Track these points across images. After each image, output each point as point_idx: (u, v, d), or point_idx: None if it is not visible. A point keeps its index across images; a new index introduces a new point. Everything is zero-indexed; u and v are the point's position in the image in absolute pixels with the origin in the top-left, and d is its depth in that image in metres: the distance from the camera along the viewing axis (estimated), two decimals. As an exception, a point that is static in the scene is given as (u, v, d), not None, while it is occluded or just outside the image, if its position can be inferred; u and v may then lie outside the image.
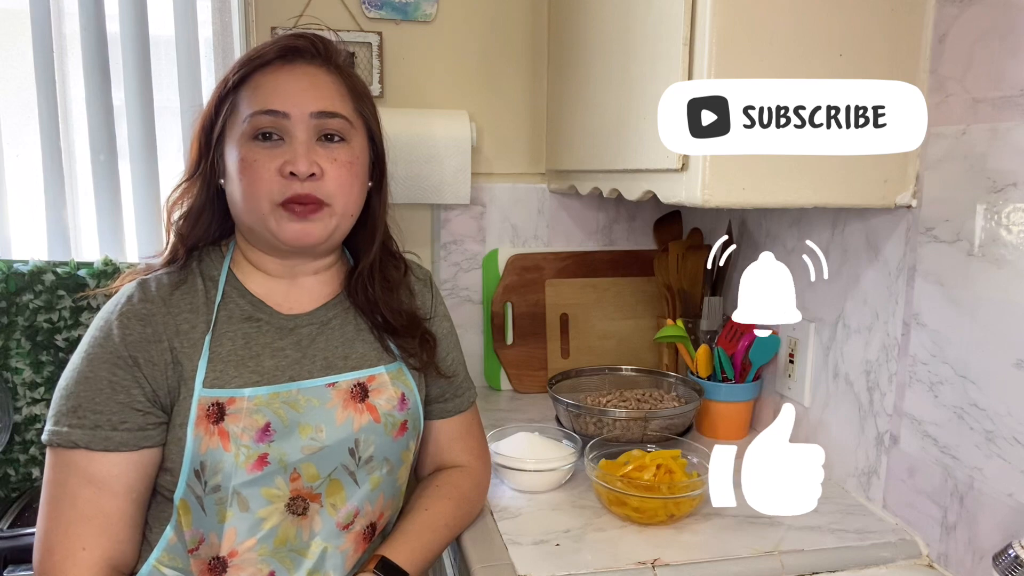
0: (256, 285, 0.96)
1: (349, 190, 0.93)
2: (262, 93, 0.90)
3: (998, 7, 0.87)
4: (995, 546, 0.83)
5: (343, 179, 0.92)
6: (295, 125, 0.89)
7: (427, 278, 1.10)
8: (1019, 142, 0.84)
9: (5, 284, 1.31)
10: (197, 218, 0.96)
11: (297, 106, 0.89)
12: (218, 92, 0.93)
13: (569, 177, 1.46)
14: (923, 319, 0.99)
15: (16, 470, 1.35)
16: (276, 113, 0.89)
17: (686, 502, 1.02)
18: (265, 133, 0.89)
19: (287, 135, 0.89)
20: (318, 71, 0.93)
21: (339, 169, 0.91)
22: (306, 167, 0.88)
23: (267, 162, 0.88)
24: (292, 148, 0.89)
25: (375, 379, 0.97)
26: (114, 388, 0.86)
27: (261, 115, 0.89)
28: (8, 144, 1.38)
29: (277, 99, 0.89)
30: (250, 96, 0.90)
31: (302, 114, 0.89)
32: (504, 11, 1.56)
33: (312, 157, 0.89)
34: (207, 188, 0.94)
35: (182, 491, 0.87)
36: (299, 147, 0.89)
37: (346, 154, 0.92)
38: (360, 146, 0.95)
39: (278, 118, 0.89)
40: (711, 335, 1.41)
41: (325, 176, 0.90)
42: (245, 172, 0.89)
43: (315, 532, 0.91)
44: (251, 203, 0.89)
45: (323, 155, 0.90)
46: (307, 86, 0.91)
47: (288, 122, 0.89)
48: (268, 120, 0.89)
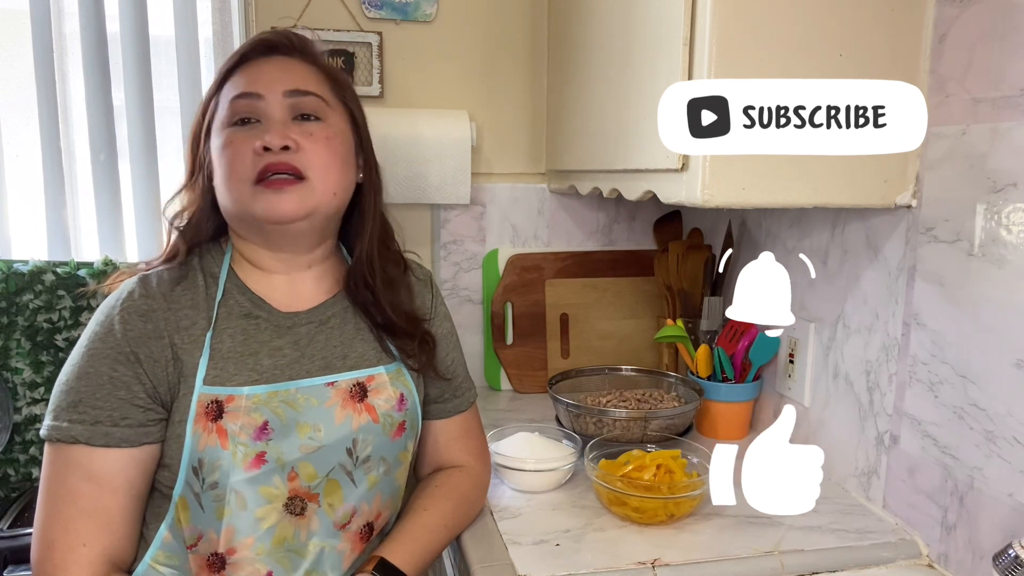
0: (255, 283, 0.96)
1: (328, 164, 0.92)
2: (239, 81, 0.93)
3: (998, 7, 0.87)
4: (995, 546, 0.83)
5: (320, 152, 0.91)
6: (269, 105, 0.91)
7: (428, 278, 1.10)
8: (1019, 142, 0.84)
9: (5, 284, 1.31)
10: (195, 218, 0.96)
11: (270, 86, 0.91)
12: (208, 94, 0.95)
13: (569, 177, 1.46)
14: (923, 319, 0.99)
15: (16, 470, 1.36)
16: (251, 95, 0.91)
17: (686, 502, 1.02)
18: (243, 118, 0.91)
19: (263, 116, 0.91)
20: (294, 60, 0.96)
21: (315, 143, 0.91)
22: (279, 140, 0.88)
23: (243, 143, 0.89)
24: (266, 126, 0.90)
25: (374, 379, 0.97)
26: (115, 384, 0.86)
27: (237, 99, 0.91)
28: (8, 144, 1.38)
29: (251, 83, 0.92)
30: (229, 88, 0.93)
31: (275, 94, 0.91)
32: (504, 11, 1.56)
33: (286, 132, 0.90)
34: (203, 188, 0.95)
35: (180, 488, 0.87)
36: (273, 124, 0.90)
37: (322, 130, 0.93)
38: (338, 126, 0.95)
39: (252, 100, 0.91)
40: (711, 335, 1.41)
41: (301, 149, 0.90)
42: (223, 155, 0.90)
43: (313, 532, 0.91)
44: (231, 184, 0.90)
45: (297, 131, 0.91)
46: (280, 71, 0.93)
47: (263, 103, 0.91)
48: (244, 103, 0.91)
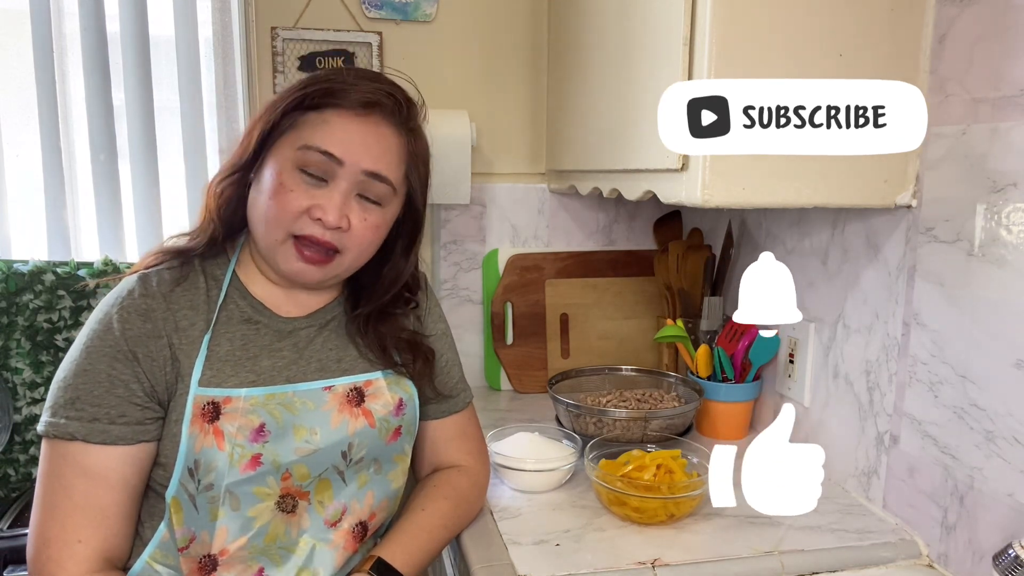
0: (258, 288, 0.96)
1: (365, 249, 0.94)
2: (327, 133, 0.89)
3: (998, 7, 0.87)
4: (995, 546, 0.83)
5: (366, 236, 0.92)
6: (344, 175, 0.89)
7: (421, 280, 1.09)
8: (1019, 142, 0.84)
9: (5, 284, 1.31)
10: (228, 207, 0.95)
11: (354, 156, 0.89)
12: (287, 101, 0.90)
13: (569, 177, 1.46)
14: (923, 319, 0.99)
15: (16, 470, 1.36)
16: (331, 157, 0.88)
17: (686, 502, 1.02)
18: (312, 171, 0.89)
19: (331, 179, 0.89)
20: (389, 130, 0.93)
21: (366, 229, 0.92)
22: (336, 219, 0.88)
23: (301, 198, 0.88)
24: (330, 194, 0.89)
25: (372, 384, 0.97)
26: (112, 382, 0.86)
27: (316, 152, 0.88)
28: (8, 144, 1.38)
29: (338, 146, 0.88)
30: (314, 127, 0.89)
31: (355, 167, 0.89)
32: (504, 11, 1.56)
33: (345, 211, 0.89)
34: (242, 182, 0.94)
35: (175, 489, 0.87)
36: (337, 196, 0.89)
37: (377, 217, 0.93)
38: (393, 211, 0.96)
39: (331, 162, 0.88)
40: (711, 335, 1.41)
41: (351, 230, 0.90)
42: (276, 196, 0.88)
43: (303, 529, 0.92)
44: (270, 226, 0.90)
45: (356, 211, 0.91)
46: (372, 142, 0.91)
47: (339, 168, 0.89)
48: (321, 160, 0.88)
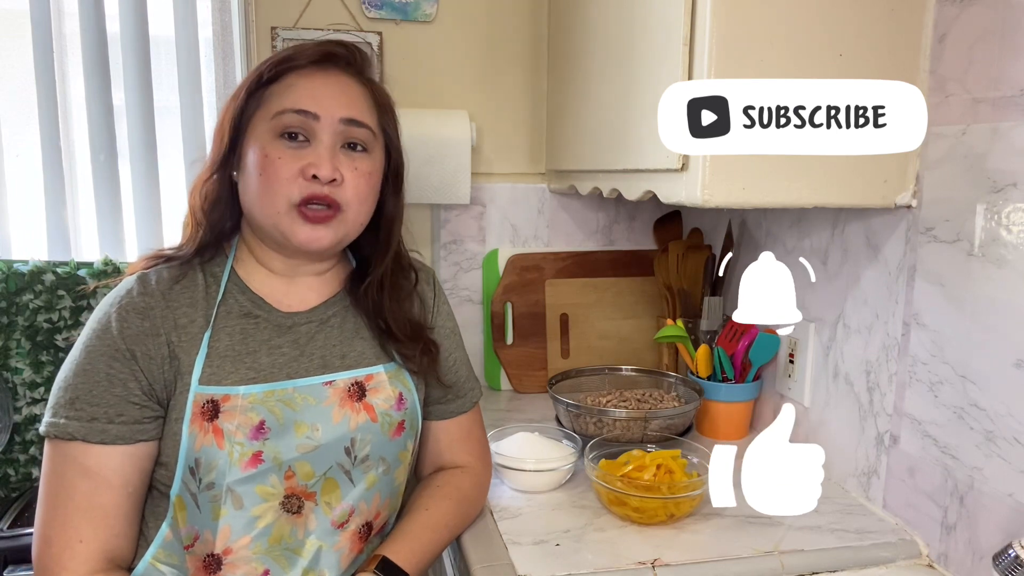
0: (257, 282, 0.96)
1: (364, 199, 0.94)
2: (295, 93, 0.91)
3: (998, 7, 0.87)
4: (995, 546, 0.83)
5: (361, 188, 0.93)
6: (323, 128, 0.90)
7: (430, 276, 1.10)
8: (1019, 142, 0.84)
9: (5, 284, 1.31)
10: (215, 208, 0.95)
11: (328, 110, 0.90)
12: (248, 86, 0.93)
13: (569, 177, 1.46)
14: (923, 319, 0.99)
15: (16, 470, 1.36)
16: (306, 114, 0.89)
17: (686, 502, 1.02)
18: (291, 133, 0.90)
19: (313, 137, 0.90)
20: (351, 80, 0.95)
21: (359, 178, 0.92)
22: (330, 171, 0.89)
23: (290, 162, 0.89)
24: (316, 151, 0.90)
25: (373, 378, 0.97)
26: (111, 381, 0.86)
27: (291, 114, 0.89)
28: (8, 144, 1.38)
29: (309, 100, 0.90)
30: (281, 94, 0.91)
31: (331, 118, 0.90)
32: (504, 11, 1.56)
33: (335, 163, 0.90)
34: (225, 180, 0.94)
35: (177, 488, 0.87)
36: (324, 151, 0.90)
37: (367, 164, 0.94)
38: (379, 159, 0.97)
39: (307, 119, 0.90)
40: (711, 335, 1.41)
41: (345, 183, 0.91)
42: (266, 169, 0.89)
43: (310, 531, 0.91)
44: (267, 200, 0.90)
45: (345, 163, 0.91)
46: (339, 92, 0.92)
47: (316, 124, 0.90)
48: (297, 119, 0.89)
